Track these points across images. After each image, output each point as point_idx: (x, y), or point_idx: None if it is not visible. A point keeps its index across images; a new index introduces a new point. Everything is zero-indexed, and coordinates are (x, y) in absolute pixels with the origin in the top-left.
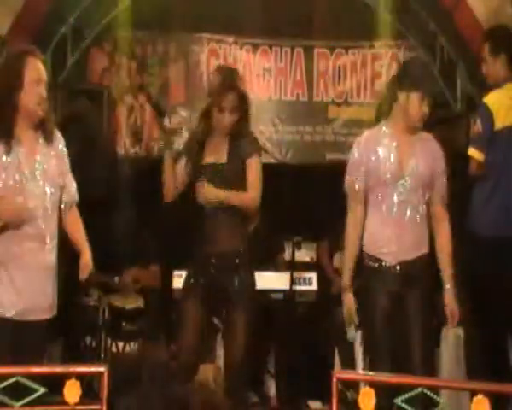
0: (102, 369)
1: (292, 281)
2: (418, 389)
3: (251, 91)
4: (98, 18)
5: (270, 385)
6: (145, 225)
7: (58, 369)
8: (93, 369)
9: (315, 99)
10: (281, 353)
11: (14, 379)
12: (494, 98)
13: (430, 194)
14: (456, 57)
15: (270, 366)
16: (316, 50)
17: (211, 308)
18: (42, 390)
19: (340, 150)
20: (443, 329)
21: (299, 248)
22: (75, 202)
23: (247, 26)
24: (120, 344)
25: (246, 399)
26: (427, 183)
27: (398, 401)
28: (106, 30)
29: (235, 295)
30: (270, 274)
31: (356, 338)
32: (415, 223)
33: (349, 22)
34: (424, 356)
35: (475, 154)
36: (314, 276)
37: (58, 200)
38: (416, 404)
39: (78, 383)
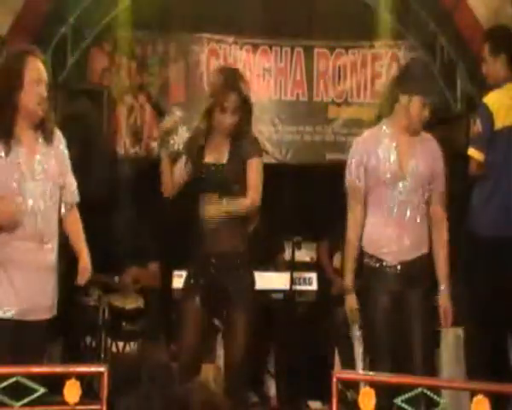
0: (102, 369)
1: (292, 281)
2: (418, 389)
3: (251, 91)
4: (98, 18)
5: (270, 385)
6: (145, 225)
7: (58, 369)
8: (93, 369)
9: (315, 99)
10: (281, 353)
11: (14, 379)
12: (494, 98)
13: (430, 194)
14: (456, 57)
15: (270, 366)
16: (316, 50)
17: (211, 309)
18: (42, 390)
19: (340, 150)
20: (443, 329)
21: (299, 248)
22: (75, 203)
23: (247, 26)
24: (120, 344)
25: (246, 399)
26: (427, 183)
27: (398, 401)
28: (106, 30)
29: (235, 295)
30: (270, 274)
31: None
32: (415, 223)
33: (349, 22)
34: (424, 356)
35: (475, 154)
36: (314, 276)
37: (58, 200)
38: (416, 404)
39: (78, 383)
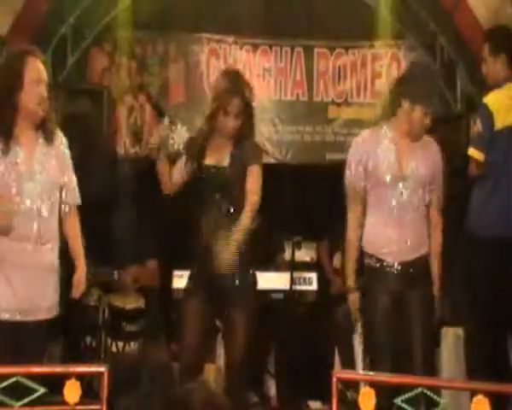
0: (102, 369)
1: (292, 281)
2: (418, 389)
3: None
4: (98, 18)
5: (270, 385)
6: (144, 224)
7: (58, 369)
8: (93, 369)
9: (315, 99)
10: (281, 353)
11: (14, 379)
12: (494, 98)
13: (429, 195)
14: (456, 57)
15: (270, 366)
16: (316, 50)
17: (212, 309)
18: (42, 390)
19: (340, 150)
20: (443, 329)
21: (299, 248)
22: (76, 204)
23: (247, 26)
24: (120, 344)
25: (246, 399)
26: (426, 184)
27: (398, 401)
28: (106, 30)
29: (236, 295)
30: (270, 274)
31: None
32: (415, 223)
33: (349, 22)
34: (424, 356)
35: (475, 154)
36: (314, 276)
37: (58, 200)
38: (416, 404)
39: (78, 383)
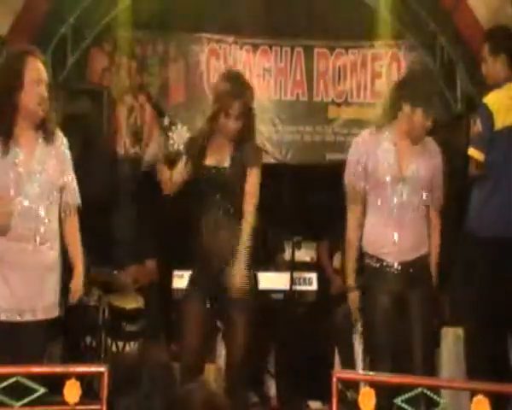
0: (102, 369)
1: (292, 281)
2: (418, 389)
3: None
4: (98, 18)
5: (270, 385)
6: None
7: (58, 369)
8: (93, 369)
9: (315, 99)
10: (281, 353)
11: (14, 379)
12: (494, 98)
13: (429, 195)
14: (456, 57)
15: (270, 366)
16: (316, 50)
17: (214, 310)
18: (42, 390)
19: (340, 150)
20: (443, 329)
21: (299, 248)
22: (76, 206)
23: (247, 26)
24: (120, 344)
25: (246, 399)
26: (426, 185)
27: (398, 401)
28: (106, 30)
29: (236, 295)
30: (270, 274)
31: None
32: (415, 223)
33: (349, 22)
34: (424, 356)
35: (475, 154)
36: (314, 276)
37: (58, 201)
38: (416, 404)
39: (78, 383)
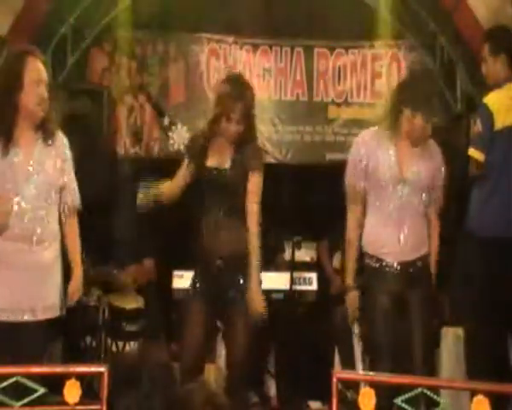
0: (102, 369)
1: (292, 281)
2: (418, 389)
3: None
4: (98, 18)
5: (270, 385)
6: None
7: (58, 369)
8: (93, 369)
9: (315, 99)
10: (281, 353)
11: (14, 379)
12: (494, 98)
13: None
14: (456, 57)
15: (270, 366)
16: (316, 50)
17: (215, 310)
18: (42, 390)
19: (340, 150)
20: (443, 329)
21: (299, 248)
22: (75, 207)
23: (247, 26)
24: (120, 344)
25: (246, 399)
26: (426, 187)
27: (398, 401)
28: (106, 30)
29: (238, 295)
30: (270, 274)
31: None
32: (415, 223)
33: (349, 22)
34: (424, 356)
35: (475, 154)
36: (314, 276)
37: (57, 201)
38: (416, 404)
39: (78, 383)
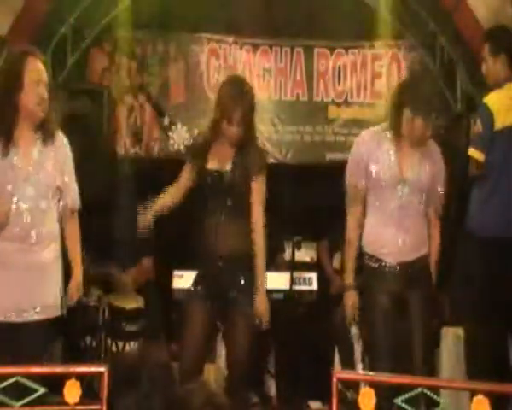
0: (102, 369)
1: (292, 281)
2: (418, 389)
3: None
4: (98, 18)
5: (270, 385)
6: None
7: (58, 369)
8: (93, 369)
9: (315, 99)
10: (281, 353)
11: (14, 379)
12: (494, 98)
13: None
14: (456, 57)
15: (270, 366)
16: (316, 50)
17: (216, 311)
18: (42, 390)
19: (340, 150)
20: (443, 329)
21: (299, 248)
22: (75, 208)
23: (247, 26)
24: (120, 344)
25: (247, 399)
26: (427, 187)
27: (398, 401)
28: (106, 30)
29: (240, 296)
30: (270, 274)
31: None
32: (415, 224)
33: (349, 22)
34: (424, 356)
35: (475, 154)
36: (314, 276)
37: (56, 202)
38: (416, 404)
39: (78, 383)
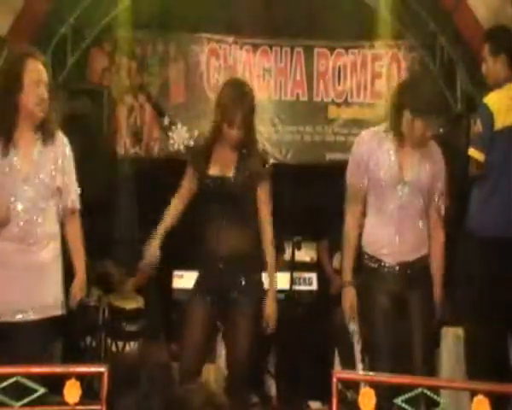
0: (102, 369)
1: (292, 281)
2: (418, 389)
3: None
4: (98, 18)
5: (270, 385)
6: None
7: (58, 369)
8: (93, 369)
9: (315, 99)
10: (281, 353)
11: (14, 379)
12: (494, 98)
13: (430, 197)
14: (456, 57)
15: (270, 366)
16: (316, 50)
17: (217, 312)
18: (42, 390)
19: (340, 150)
20: (443, 329)
21: (299, 248)
22: (76, 209)
23: (247, 26)
24: (120, 344)
25: (247, 399)
26: (427, 187)
27: (398, 401)
28: (106, 30)
29: (241, 296)
30: None
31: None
32: (415, 224)
33: (349, 22)
34: (424, 356)
35: (475, 154)
36: (314, 276)
37: (55, 202)
38: (416, 404)
39: (78, 383)
